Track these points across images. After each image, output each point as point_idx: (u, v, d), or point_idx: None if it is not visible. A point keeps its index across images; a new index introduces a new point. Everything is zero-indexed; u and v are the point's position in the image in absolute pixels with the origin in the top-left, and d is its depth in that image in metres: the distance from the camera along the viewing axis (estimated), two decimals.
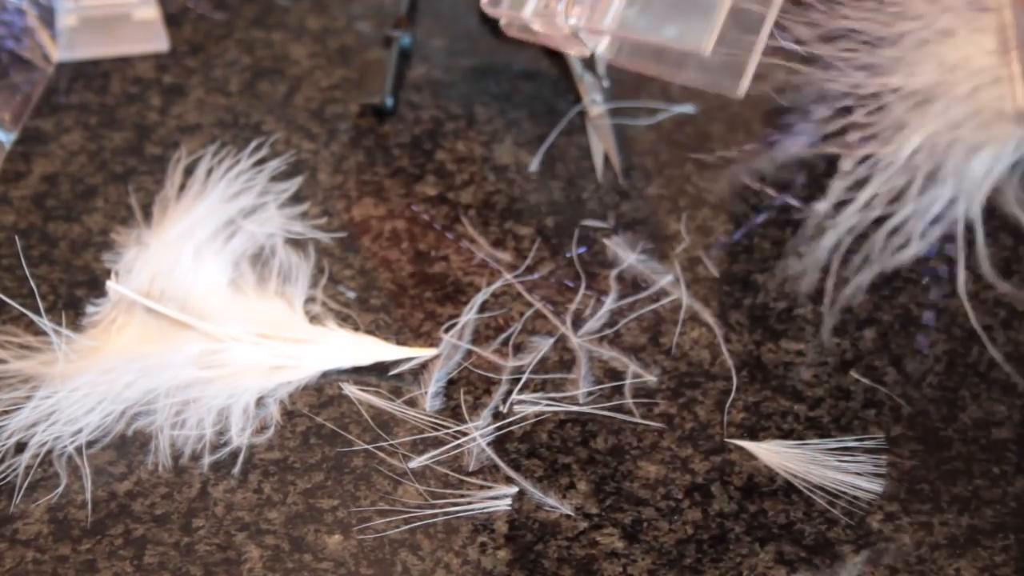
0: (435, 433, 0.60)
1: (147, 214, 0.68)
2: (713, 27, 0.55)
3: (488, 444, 0.60)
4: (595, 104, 0.72)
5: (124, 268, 0.64)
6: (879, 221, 0.56)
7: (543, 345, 0.63)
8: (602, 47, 0.63)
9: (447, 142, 0.72)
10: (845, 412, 0.61)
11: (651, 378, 0.62)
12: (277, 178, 0.69)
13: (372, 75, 0.74)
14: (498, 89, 0.74)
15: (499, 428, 0.60)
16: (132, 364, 0.61)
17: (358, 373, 0.62)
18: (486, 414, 0.61)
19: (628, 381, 0.62)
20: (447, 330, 0.63)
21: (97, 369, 0.60)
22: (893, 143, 0.52)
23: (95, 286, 0.65)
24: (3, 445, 0.59)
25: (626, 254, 0.66)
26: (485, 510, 0.58)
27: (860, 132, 0.53)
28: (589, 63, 0.67)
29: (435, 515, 0.57)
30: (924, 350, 0.62)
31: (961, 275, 0.55)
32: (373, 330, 0.64)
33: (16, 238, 0.67)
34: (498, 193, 0.69)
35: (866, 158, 0.53)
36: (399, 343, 0.63)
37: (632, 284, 0.65)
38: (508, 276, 0.66)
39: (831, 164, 0.59)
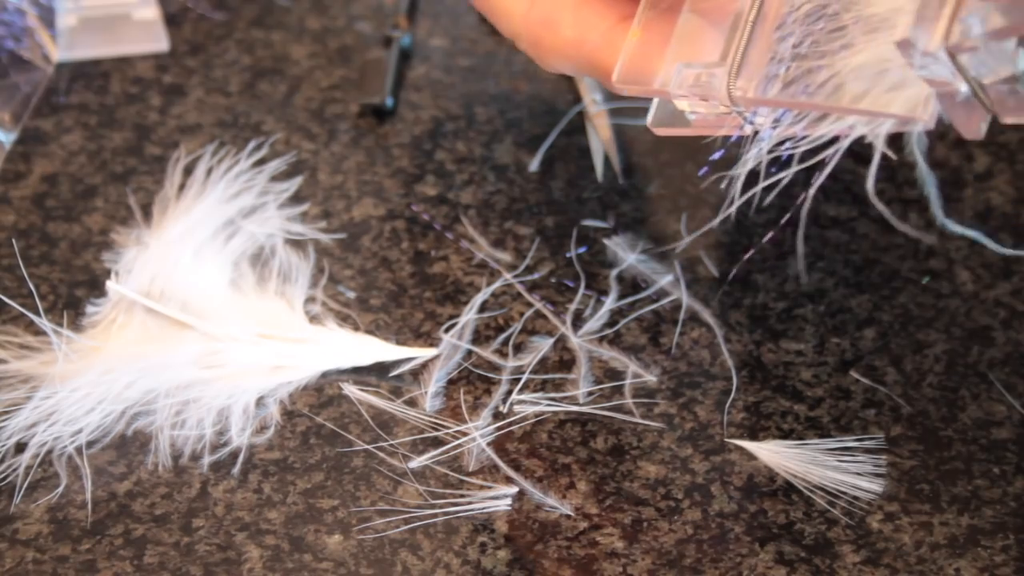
0: (435, 433, 0.60)
1: (147, 214, 0.68)
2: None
3: (488, 444, 0.60)
4: (595, 104, 0.72)
5: (124, 268, 0.64)
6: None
7: (543, 345, 0.63)
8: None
9: (447, 142, 0.72)
10: (845, 412, 0.61)
11: (651, 378, 0.62)
12: (277, 178, 0.69)
13: (372, 75, 0.74)
14: (498, 89, 0.74)
15: (499, 428, 0.60)
16: (132, 364, 0.61)
17: (358, 373, 0.62)
18: (486, 414, 0.61)
19: (628, 381, 0.62)
20: (447, 330, 0.63)
21: (97, 369, 0.60)
22: (837, 58, 0.52)
23: (95, 286, 0.65)
24: (3, 445, 0.59)
25: (626, 254, 0.66)
26: (485, 510, 0.58)
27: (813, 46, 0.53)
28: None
29: (435, 515, 0.57)
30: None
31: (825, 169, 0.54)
32: (373, 330, 0.64)
33: (13, 240, 0.67)
34: (498, 193, 0.69)
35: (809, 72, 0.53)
36: (399, 343, 0.63)
37: (632, 284, 0.65)
38: (508, 276, 0.66)
39: None
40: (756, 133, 0.55)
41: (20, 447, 0.59)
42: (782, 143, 0.54)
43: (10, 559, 0.56)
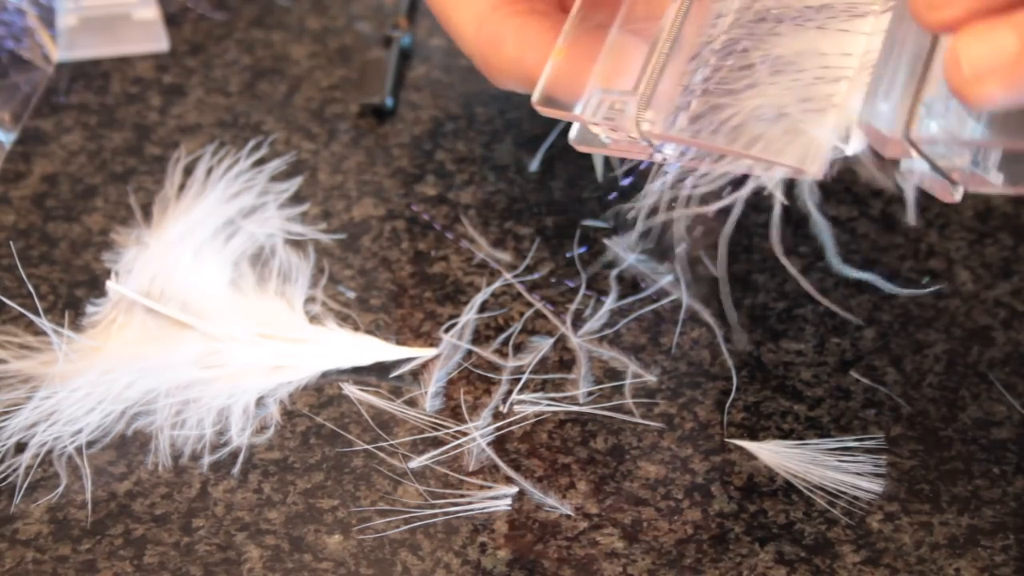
0: (435, 433, 0.60)
1: (147, 214, 0.68)
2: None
3: (488, 444, 0.60)
4: None
5: (124, 268, 0.64)
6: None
7: (543, 345, 0.63)
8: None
9: (447, 142, 0.72)
10: (845, 412, 0.61)
11: (651, 378, 0.62)
12: (277, 178, 0.70)
13: (372, 75, 0.74)
14: (498, 89, 0.74)
15: (499, 428, 0.60)
16: (132, 364, 0.61)
17: (358, 373, 0.62)
18: (486, 414, 0.61)
19: (628, 381, 0.62)
20: (447, 330, 0.63)
21: (97, 369, 0.60)
22: (741, 96, 0.52)
23: (95, 286, 0.65)
24: (3, 445, 0.59)
25: (626, 254, 0.66)
26: (485, 510, 0.58)
27: (719, 79, 0.53)
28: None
29: (435, 515, 0.57)
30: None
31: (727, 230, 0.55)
32: (373, 330, 0.64)
33: (11, 242, 0.67)
34: (498, 193, 0.70)
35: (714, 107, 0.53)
36: (399, 343, 0.63)
37: (632, 284, 0.65)
38: (508, 276, 0.66)
39: None
40: (664, 162, 0.55)
41: (20, 447, 0.59)
42: (685, 178, 0.55)
43: (10, 559, 0.56)
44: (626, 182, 0.59)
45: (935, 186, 0.52)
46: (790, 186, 0.53)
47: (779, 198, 0.52)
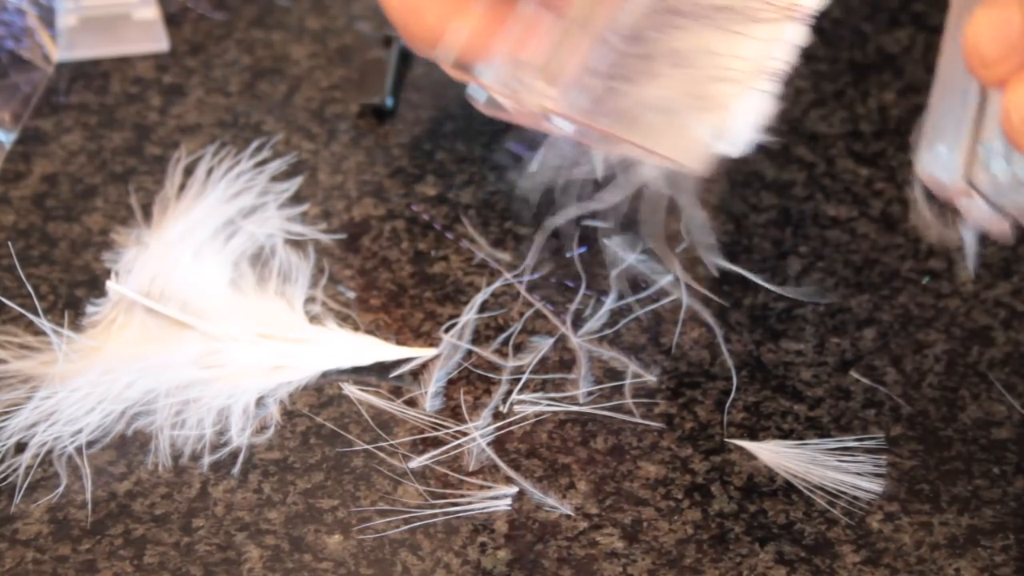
0: (435, 433, 0.60)
1: (147, 214, 0.68)
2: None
3: (488, 444, 0.60)
4: None
5: (124, 268, 0.64)
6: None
7: (543, 345, 0.63)
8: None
9: (447, 142, 0.72)
10: (845, 412, 0.61)
11: (651, 378, 0.62)
12: (277, 178, 0.69)
13: (372, 75, 0.74)
14: None
15: (499, 428, 0.60)
16: (132, 364, 0.61)
17: (358, 373, 0.62)
18: (486, 414, 0.61)
19: (628, 381, 0.62)
20: (447, 330, 0.63)
21: (97, 369, 0.60)
22: (640, 85, 0.53)
23: (95, 286, 0.65)
24: (3, 445, 0.59)
25: (626, 254, 0.66)
26: (485, 510, 0.58)
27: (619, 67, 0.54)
28: None
29: (435, 515, 0.57)
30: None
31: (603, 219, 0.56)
32: (373, 330, 0.64)
33: (10, 242, 0.67)
34: (498, 193, 0.69)
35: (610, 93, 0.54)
36: (399, 343, 0.63)
37: (632, 284, 0.65)
38: (508, 276, 0.66)
39: None
40: (559, 136, 0.56)
41: (20, 447, 0.59)
42: (576, 163, 0.56)
43: (10, 559, 0.56)
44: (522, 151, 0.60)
45: (995, 225, 0.53)
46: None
47: (663, 189, 0.54)
